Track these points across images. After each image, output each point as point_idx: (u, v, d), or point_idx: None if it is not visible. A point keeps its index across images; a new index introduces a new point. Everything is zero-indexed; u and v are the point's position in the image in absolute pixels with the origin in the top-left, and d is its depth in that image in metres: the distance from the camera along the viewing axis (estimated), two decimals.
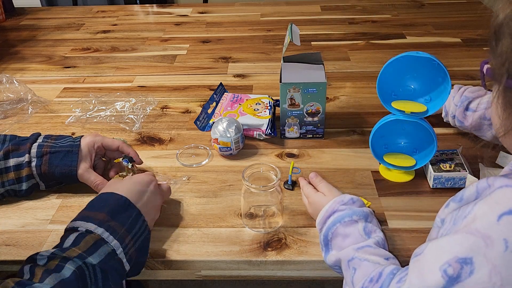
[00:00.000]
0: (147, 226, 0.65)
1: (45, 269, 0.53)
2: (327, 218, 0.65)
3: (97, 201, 0.64)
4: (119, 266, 0.59)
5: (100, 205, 0.63)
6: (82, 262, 0.55)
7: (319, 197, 0.70)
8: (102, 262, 0.56)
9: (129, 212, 0.63)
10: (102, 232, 0.59)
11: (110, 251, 0.58)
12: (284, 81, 0.87)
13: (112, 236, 0.59)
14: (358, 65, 1.25)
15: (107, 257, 0.57)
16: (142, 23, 1.63)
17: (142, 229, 0.64)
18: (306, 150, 0.91)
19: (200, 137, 0.96)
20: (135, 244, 0.62)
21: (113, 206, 0.62)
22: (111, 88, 1.18)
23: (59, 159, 0.75)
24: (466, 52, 1.30)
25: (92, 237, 0.58)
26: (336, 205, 0.66)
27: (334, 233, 0.63)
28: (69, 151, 0.76)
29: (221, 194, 0.80)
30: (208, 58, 1.33)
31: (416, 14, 1.61)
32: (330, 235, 0.64)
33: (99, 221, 0.60)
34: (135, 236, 0.62)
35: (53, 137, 0.79)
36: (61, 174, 0.76)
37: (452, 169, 0.77)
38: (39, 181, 0.77)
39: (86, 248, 0.56)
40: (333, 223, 0.64)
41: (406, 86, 0.79)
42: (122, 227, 0.60)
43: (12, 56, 1.39)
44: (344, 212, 0.64)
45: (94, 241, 0.57)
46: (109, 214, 0.61)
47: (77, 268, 0.54)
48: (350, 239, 0.62)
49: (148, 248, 0.66)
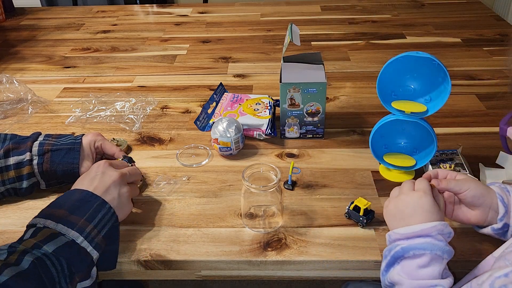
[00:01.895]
0: (114, 213, 0.66)
1: (4, 263, 0.54)
2: (416, 236, 0.59)
3: (61, 198, 0.65)
4: (82, 254, 0.59)
5: (62, 202, 0.64)
6: (40, 253, 0.56)
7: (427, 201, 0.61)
8: (59, 250, 0.57)
9: (90, 204, 0.64)
10: (61, 228, 0.60)
11: (69, 241, 0.59)
12: (284, 81, 0.87)
13: (70, 229, 0.60)
14: (358, 65, 1.25)
15: (65, 246, 0.58)
16: (142, 23, 1.63)
17: (108, 216, 0.64)
18: (306, 150, 0.91)
19: (200, 137, 0.96)
20: (102, 231, 0.63)
21: (73, 201, 0.63)
22: (111, 88, 1.18)
23: (61, 156, 0.76)
24: (466, 52, 1.31)
25: (49, 230, 0.59)
26: (435, 231, 0.58)
27: (415, 255, 0.57)
28: (70, 148, 0.76)
29: (221, 194, 0.80)
30: (208, 58, 1.33)
31: (416, 14, 1.61)
32: (410, 254, 0.58)
33: (57, 218, 0.61)
34: (99, 224, 0.63)
35: (54, 136, 0.80)
36: (63, 172, 0.76)
37: (452, 169, 0.77)
38: (40, 180, 0.77)
39: (42, 238, 0.58)
40: (423, 247, 0.57)
41: (406, 86, 0.79)
42: (80, 219, 0.61)
43: (12, 56, 1.39)
44: (439, 244, 0.57)
45: (50, 233, 0.59)
46: (68, 210, 0.62)
47: (35, 259, 0.54)
48: (426, 272, 0.57)
49: (118, 236, 0.67)
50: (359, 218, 0.71)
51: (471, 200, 0.64)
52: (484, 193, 0.64)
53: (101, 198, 0.65)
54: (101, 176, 0.68)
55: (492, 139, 0.91)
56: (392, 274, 0.59)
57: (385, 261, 0.61)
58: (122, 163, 0.75)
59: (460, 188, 0.64)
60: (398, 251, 0.59)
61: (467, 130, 0.95)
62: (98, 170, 0.69)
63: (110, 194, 0.67)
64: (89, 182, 0.67)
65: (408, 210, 0.62)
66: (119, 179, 0.69)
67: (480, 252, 0.67)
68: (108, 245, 0.65)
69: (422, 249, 0.57)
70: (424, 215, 0.60)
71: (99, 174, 0.68)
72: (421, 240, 0.58)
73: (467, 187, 0.64)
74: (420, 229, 0.59)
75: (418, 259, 0.57)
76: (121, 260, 0.68)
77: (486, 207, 0.64)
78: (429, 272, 0.56)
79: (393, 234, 0.61)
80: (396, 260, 0.59)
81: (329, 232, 0.71)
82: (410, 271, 0.57)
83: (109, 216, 0.65)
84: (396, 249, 0.59)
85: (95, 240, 0.61)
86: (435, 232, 0.58)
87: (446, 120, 0.98)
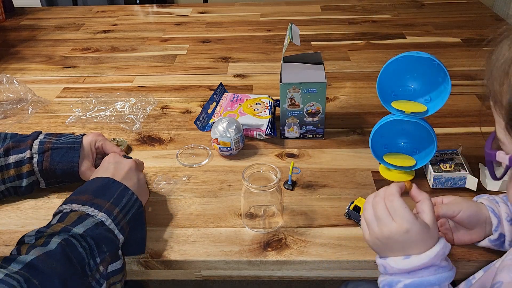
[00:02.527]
0: (137, 199, 0.66)
1: (31, 245, 0.54)
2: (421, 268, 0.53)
3: (82, 187, 0.66)
4: (110, 235, 0.59)
5: (84, 189, 0.64)
6: (68, 234, 0.56)
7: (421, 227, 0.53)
8: (89, 231, 0.57)
9: (113, 189, 0.64)
10: (87, 208, 0.60)
11: (98, 222, 0.59)
12: (284, 81, 0.87)
13: (98, 210, 0.60)
14: (358, 65, 1.25)
15: (94, 227, 0.58)
16: (142, 23, 1.63)
17: (132, 202, 0.65)
18: (306, 150, 0.91)
19: (200, 137, 0.96)
20: (126, 217, 0.63)
21: (96, 187, 0.64)
22: (111, 88, 1.18)
23: (61, 155, 0.76)
24: (466, 52, 1.31)
25: (76, 213, 0.59)
26: (438, 260, 0.53)
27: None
28: (70, 147, 0.76)
29: (221, 194, 0.80)
30: (208, 58, 1.33)
31: (416, 14, 1.61)
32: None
33: (82, 201, 0.61)
34: (124, 209, 0.63)
35: (54, 134, 0.80)
36: (62, 170, 0.76)
37: (452, 169, 0.77)
38: (40, 178, 0.77)
39: (70, 222, 0.58)
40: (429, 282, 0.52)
41: (406, 86, 0.79)
42: (107, 202, 0.62)
43: (12, 56, 1.39)
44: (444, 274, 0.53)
45: (78, 216, 0.59)
46: (93, 194, 0.62)
47: (63, 240, 0.55)
48: None
49: (144, 221, 0.67)
50: (359, 218, 0.71)
51: (468, 220, 0.64)
52: (477, 209, 0.64)
53: (123, 184, 0.66)
54: (115, 165, 0.70)
55: None
56: None
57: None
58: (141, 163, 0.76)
59: (453, 212, 0.63)
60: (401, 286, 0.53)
61: (467, 130, 0.95)
62: (110, 161, 0.70)
63: (131, 180, 0.68)
64: (105, 171, 0.68)
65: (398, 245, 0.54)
66: (134, 165, 0.71)
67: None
68: (136, 231, 0.65)
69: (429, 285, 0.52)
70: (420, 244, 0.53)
71: (113, 163, 0.70)
72: (425, 272, 0.52)
73: (459, 209, 0.63)
74: (423, 263, 0.53)
75: None
76: None
77: (482, 222, 0.64)
78: None
79: (389, 267, 0.55)
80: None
81: (329, 232, 0.71)
82: None
83: (132, 202, 0.65)
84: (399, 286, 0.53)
85: (121, 224, 0.62)
86: (439, 260, 0.53)
87: (446, 120, 0.98)
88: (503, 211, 0.64)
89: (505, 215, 0.63)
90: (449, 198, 0.67)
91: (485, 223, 0.64)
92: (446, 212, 0.64)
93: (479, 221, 0.64)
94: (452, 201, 0.66)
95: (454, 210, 0.64)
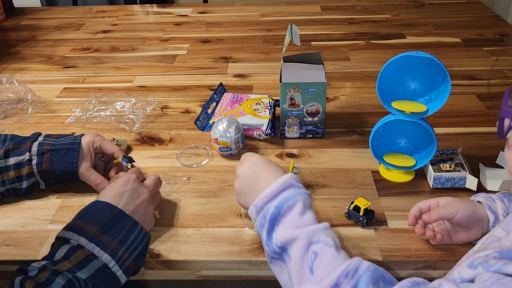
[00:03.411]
0: (146, 234, 0.65)
1: (35, 283, 0.53)
2: (282, 190, 0.57)
3: (91, 210, 0.64)
4: (111, 279, 0.59)
5: (93, 217, 0.62)
6: (72, 275, 0.55)
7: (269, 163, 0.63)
8: (92, 277, 0.56)
9: (122, 224, 0.62)
10: (93, 247, 0.59)
11: (101, 266, 0.58)
12: (284, 81, 0.87)
13: (103, 251, 0.59)
14: (358, 65, 1.25)
15: (97, 272, 0.57)
16: (142, 23, 1.63)
17: (140, 238, 0.63)
18: (306, 150, 0.91)
19: (200, 137, 0.96)
20: (132, 254, 0.62)
21: (105, 219, 0.62)
22: (111, 88, 1.18)
23: (60, 156, 0.76)
24: (466, 52, 1.31)
25: (83, 251, 0.58)
26: (293, 180, 0.58)
27: (290, 206, 0.56)
28: (69, 148, 0.76)
29: (221, 194, 0.80)
30: (208, 58, 1.33)
31: (416, 14, 1.61)
32: (285, 208, 0.56)
33: (90, 236, 0.60)
34: (131, 247, 0.62)
35: (53, 136, 0.80)
36: (62, 171, 0.76)
37: (452, 169, 0.77)
38: (39, 180, 0.77)
39: (76, 262, 0.57)
40: (293, 195, 0.56)
41: (406, 86, 0.79)
42: (113, 241, 0.60)
43: (12, 56, 1.39)
44: (302, 189, 0.58)
45: (84, 256, 0.58)
46: (101, 229, 0.61)
47: (67, 282, 0.54)
48: (308, 217, 0.55)
49: (146, 252, 0.66)
50: (359, 218, 0.71)
51: (465, 221, 0.64)
52: (474, 209, 0.65)
53: (133, 219, 0.64)
54: (131, 193, 0.67)
55: (492, 139, 0.91)
56: (279, 236, 0.55)
57: (264, 230, 0.57)
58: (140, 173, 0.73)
59: (451, 213, 0.64)
60: (273, 212, 0.56)
61: (467, 130, 0.95)
62: (127, 186, 0.68)
63: (139, 212, 0.66)
64: (118, 197, 0.66)
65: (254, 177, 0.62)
66: (148, 198, 0.69)
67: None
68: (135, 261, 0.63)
69: (292, 197, 0.56)
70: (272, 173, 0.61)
71: (129, 190, 0.67)
72: (287, 192, 0.57)
73: (457, 210, 0.64)
74: (282, 182, 0.58)
75: (294, 208, 0.56)
76: None
77: (479, 221, 0.65)
78: (310, 217, 0.56)
79: (258, 202, 0.58)
80: (275, 221, 0.56)
81: None
82: (294, 222, 0.55)
83: (140, 238, 0.63)
84: (270, 211, 0.56)
85: (125, 264, 0.60)
86: (294, 181, 0.58)
87: (446, 120, 0.98)
88: (500, 208, 0.65)
89: (502, 211, 0.64)
90: (445, 200, 0.67)
91: (482, 222, 0.65)
92: (444, 214, 0.65)
93: (476, 220, 0.65)
94: (448, 203, 0.66)
95: (452, 211, 0.64)
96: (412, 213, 0.68)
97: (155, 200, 0.72)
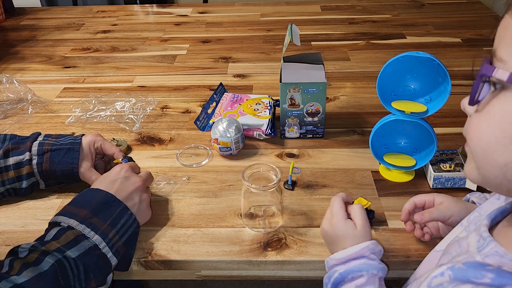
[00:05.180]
0: (135, 220, 0.66)
1: (24, 262, 0.54)
2: (352, 259, 0.60)
3: (82, 197, 0.65)
4: (101, 260, 0.59)
5: (84, 202, 0.64)
6: (61, 255, 0.56)
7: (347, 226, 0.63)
8: (81, 256, 0.57)
9: (113, 208, 0.64)
10: (83, 228, 0.60)
11: (92, 246, 0.59)
12: (284, 81, 0.87)
13: (94, 232, 0.60)
14: (358, 65, 1.25)
15: (87, 251, 0.58)
16: (142, 23, 1.63)
17: (130, 223, 0.65)
18: (306, 150, 0.91)
19: (200, 137, 0.96)
20: (122, 238, 0.63)
21: (96, 203, 0.63)
22: (111, 88, 1.18)
23: (60, 156, 0.75)
24: (466, 52, 1.31)
25: (73, 232, 0.59)
26: (367, 251, 0.60)
27: (354, 278, 0.58)
28: (70, 148, 0.76)
29: (221, 194, 0.80)
30: (208, 58, 1.33)
31: (416, 14, 1.61)
32: (349, 278, 0.59)
33: (81, 218, 0.61)
34: (121, 230, 0.63)
35: (53, 136, 0.80)
36: (62, 172, 0.76)
37: (452, 169, 0.77)
38: (39, 180, 0.77)
39: (65, 242, 0.58)
40: (359, 269, 0.59)
41: (406, 86, 0.79)
42: (104, 223, 0.61)
43: (12, 56, 1.39)
44: (373, 263, 0.59)
45: (74, 236, 0.58)
46: (92, 212, 0.62)
47: (56, 262, 0.55)
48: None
49: (136, 241, 0.67)
50: None
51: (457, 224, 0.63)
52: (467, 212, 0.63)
53: (123, 203, 0.65)
54: (123, 180, 0.68)
55: None
56: None
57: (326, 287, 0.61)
58: (136, 166, 0.75)
59: (444, 216, 0.65)
60: (337, 278, 0.59)
61: None
62: (119, 175, 0.69)
63: (132, 200, 0.67)
64: (111, 184, 0.67)
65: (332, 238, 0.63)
66: (141, 185, 0.70)
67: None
68: (126, 249, 0.65)
69: (358, 271, 0.58)
70: (350, 239, 0.62)
71: (121, 178, 0.69)
72: (356, 262, 0.59)
73: (450, 214, 0.64)
74: (354, 252, 0.60)
75: (357, 281, 0.58)
76: None
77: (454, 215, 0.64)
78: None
79: (330, 261, 0.62)
80: (337, 286, 0.60)
81: None
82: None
83: (130, 223, 0.65)
84: (335, 276, 0.60)
85: (115, 246, 0.61)
86: (368, 252, 0.60)
87: (446, 120, 0.98)
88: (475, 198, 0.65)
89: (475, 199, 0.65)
90: (441, 198, 0.67)
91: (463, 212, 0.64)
92: (437, 217, 0.65)
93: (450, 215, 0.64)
94: (443, 205, 0.66)
95: (446, 215, 0.64)
96: (405, 208, 0.68)
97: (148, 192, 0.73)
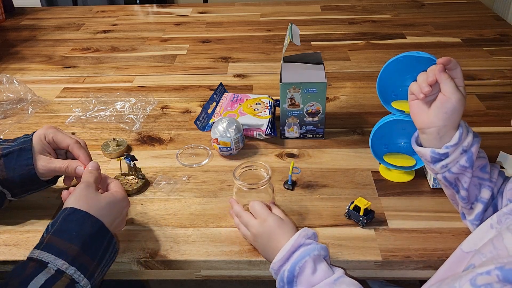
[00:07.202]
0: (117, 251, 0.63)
1: None
2: (292, 252, 0.61)
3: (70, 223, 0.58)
4: None
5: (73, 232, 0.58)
6: None
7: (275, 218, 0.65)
8: None
9: (101, 241, 0.59)
10: (74, 271, 0.55)
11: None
12: (284, 81, 0.87)
13: (83, 275, 0.56)
14: (358, 65, 1.25)
15: None
16: (142, 23, 1.63)
17: (112, 254, 0.62)
18: (306, 150, 0.91)
19: (200, 137, 0.96)
20: (103, 271, 0.60)
21: (85, 236, 0.58)
22: (111, 88, 1.18)
23: (14, 160, 0.69)
24: (466, 52, 1.31)
25: (63, 281, 0.54)
26: (302, 239, 0.62)
27: (302, 267, 0.60)
28: (21, 148, 0.69)
29: (221, 194, 0.80)
30: (208, 58, 1.33)
31: (416, 14, 1.61)
32: (297, 270, 0.60)
33: (71, 257, 0.55)
34: (106, 265, 0.60)
35: (10, 140, 0.73)
36: (20, 176, 0.69)
37: None
38: (3, 190, 0.70)
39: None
40: (302, 256, 0.60)
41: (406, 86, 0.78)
42: (93, 261, 0.58)
43: (12, 56, 1.39)
44: (311, 246, 0.61)
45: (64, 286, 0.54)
46: (82, 248, 0.57)
47: None
48: (320, 274, 0.59)
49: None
50: (359, 218, 0.71)
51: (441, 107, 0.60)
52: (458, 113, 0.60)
53: (110, 232, 0.61)
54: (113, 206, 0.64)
55: (492, 139, 0.91)
56: None
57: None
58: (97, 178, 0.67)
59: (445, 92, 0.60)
60: (288, 276, 0.60)
61: None
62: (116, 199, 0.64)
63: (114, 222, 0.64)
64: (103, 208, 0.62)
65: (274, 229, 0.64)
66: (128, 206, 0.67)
67: None
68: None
69: (301, 258, 0.60)
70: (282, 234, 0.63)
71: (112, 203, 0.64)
72: (297, 253, 0.61)
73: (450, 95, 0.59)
74: (291, 245, 0.61)
75: (306, 269, 0.59)
76: (121, 260, 0.67)
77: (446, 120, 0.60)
78: (322, 272, 0.59)
79: (274, 265, 0.62)
80: (292, 283, 0.60)
81: (329, 232, 0.71)
82: (308, 281, 0.59)
83: (113, 254, 0.62)
84: (285, 275, 0.60)
85: (98, 280, 0.59)
86: (303, 240, 0.61)
87: None
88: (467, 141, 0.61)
89: (466, 144, 0.60)
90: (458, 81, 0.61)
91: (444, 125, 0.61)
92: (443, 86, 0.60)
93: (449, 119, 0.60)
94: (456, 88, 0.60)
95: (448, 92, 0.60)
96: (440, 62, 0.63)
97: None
